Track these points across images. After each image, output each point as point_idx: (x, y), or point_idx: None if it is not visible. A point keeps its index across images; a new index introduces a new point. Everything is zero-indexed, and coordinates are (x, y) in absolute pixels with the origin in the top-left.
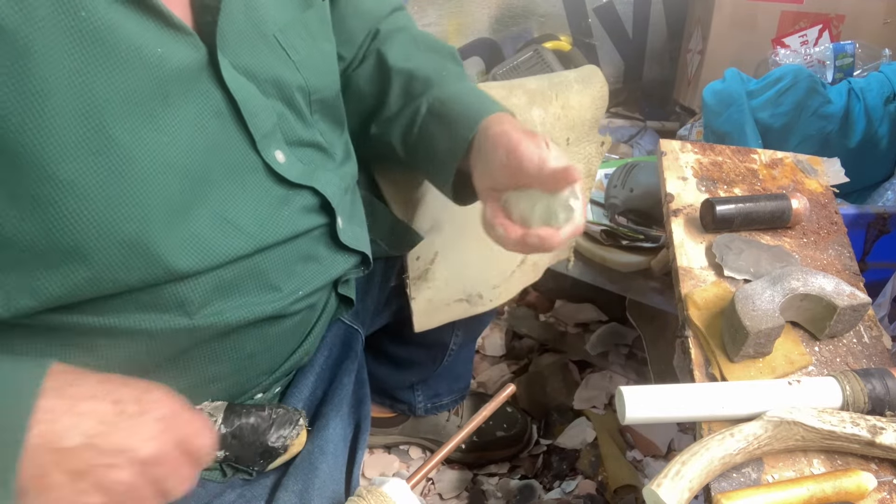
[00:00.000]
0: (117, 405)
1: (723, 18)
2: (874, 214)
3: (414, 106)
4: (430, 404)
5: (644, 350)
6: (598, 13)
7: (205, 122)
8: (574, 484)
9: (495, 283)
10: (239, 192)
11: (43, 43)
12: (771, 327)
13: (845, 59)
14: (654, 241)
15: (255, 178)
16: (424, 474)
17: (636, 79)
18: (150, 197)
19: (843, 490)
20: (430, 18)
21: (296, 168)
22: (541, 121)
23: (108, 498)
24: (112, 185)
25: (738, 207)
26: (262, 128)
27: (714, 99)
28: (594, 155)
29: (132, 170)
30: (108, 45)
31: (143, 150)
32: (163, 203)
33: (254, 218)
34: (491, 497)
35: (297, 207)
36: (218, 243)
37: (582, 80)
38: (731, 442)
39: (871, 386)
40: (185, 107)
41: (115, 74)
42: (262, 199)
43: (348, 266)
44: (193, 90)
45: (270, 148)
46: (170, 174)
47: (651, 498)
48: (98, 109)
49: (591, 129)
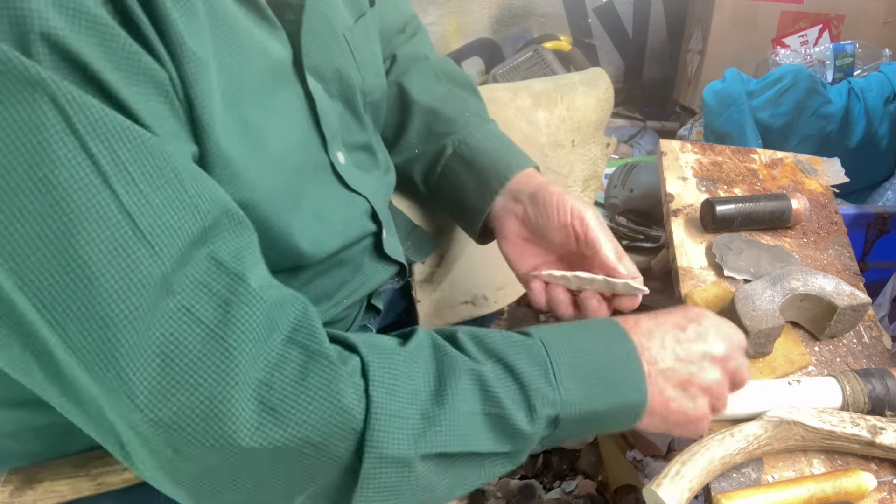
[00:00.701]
0: (677, 327)
1: (723, 18)
2: (874, 214)
3: (438, 146)
4: None
5: None
6: (598, 13)
7: (294, 116)
8: (574, 484)
9: (500, 285)
10: (322, 190)
11: (189, 24)
12: (771, 327)
13: (845, 59)
14: (654, 241)
15: (327, 177)
16: None
17: (636, 79)
18: (280, 179)
19: (843, 490)
20: (430, 18)
21: (352, 172)
22: (546, 122)
23: (709, 394)
24: (255, 162)
25: (738, 207)
26: (330, 127)
27: (714, 99)
28: (599, 156)
29: (266, 150)
30: (233, 30)
31: (269, 132)
32: (286, 188)
33: (336, 216)
34: (491, 497)
35: (360, 211)
36: (320, 236)
37: (587, 82)
38: (731, 442)
39: (871, 386)
40: (283, 98)
41: (242, 58)
42: (336, 199)
43: (387, 276)
44: (287, 84)
45: (334, 149)
46: (286, 160)
47: (651, 498)
48: (234, 90)
49: (597, 131)
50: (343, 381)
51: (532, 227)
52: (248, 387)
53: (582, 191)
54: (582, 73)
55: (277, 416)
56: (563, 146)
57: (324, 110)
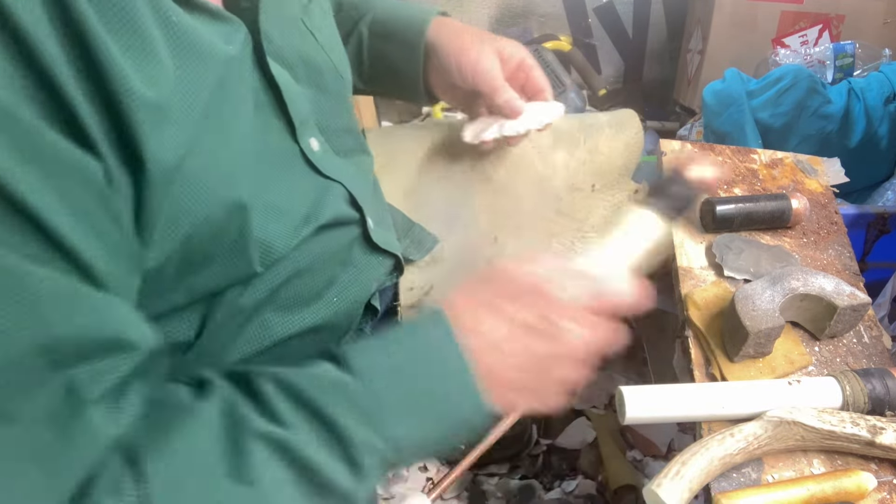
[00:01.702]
0: (510, 298)
1: (723, 18)
2: (874, 214)
3: (356, 35)
4: None
5: (644, 350)
6: (598, 13)
7: (252, 107)
8: (574, 484)
9: None
10: (286, 182)
11: (143, 69)
12: (771, 327)
13: (845, 59)
14: None
15: (295, 166)
16: (443, 490)
17: (636, 79)
18: (242, 174)
19: (843, 490)
20: None
21: (327, 159)
22: (564, 164)
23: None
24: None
25: (738, 207)
26: (300, 114)
27: (714, 99)
28: (625, 203)
29: (230, 147)
30: (193, 45)
31: (231, 129)
32: (248, 182)
33: (301, 204)
34: (491, 497)
35: (336, 197)
36: (280, 228)
37: (616, 124)
38: (731, 442)
39: (871, 386)
40: (239, 91)
41: (204, 69)
42: (306, 187)
43: (383, 271)
44: (242, 77)
45: (305, 136)
46: (245, 153)
47: (651, 498)
48: (200, 104)
49: (622, 177)
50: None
51: (439, 72)
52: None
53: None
54: (612, 113)
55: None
56: (581, 190)
57: (291, 97)
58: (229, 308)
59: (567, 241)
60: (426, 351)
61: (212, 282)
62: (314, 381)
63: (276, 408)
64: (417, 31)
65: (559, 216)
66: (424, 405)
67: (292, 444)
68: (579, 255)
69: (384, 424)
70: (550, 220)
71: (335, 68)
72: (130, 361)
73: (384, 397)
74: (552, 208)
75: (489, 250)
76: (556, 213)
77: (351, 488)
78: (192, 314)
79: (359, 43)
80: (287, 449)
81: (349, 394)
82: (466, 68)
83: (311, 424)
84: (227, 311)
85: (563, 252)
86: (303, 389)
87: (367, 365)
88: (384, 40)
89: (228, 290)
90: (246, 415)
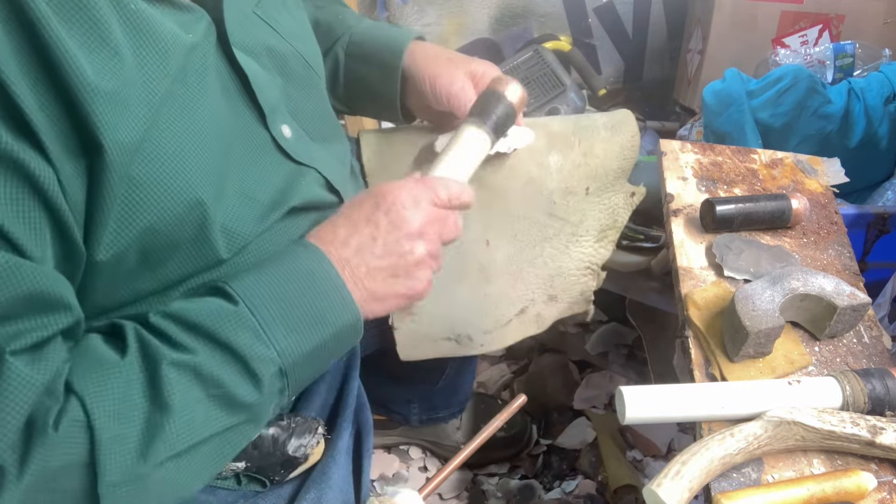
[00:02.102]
0: (370, 223)
1: (723, 18)
2: (874, 214)
3: (332, 57)
4: (426, 416)
5: (644, 350)
6: (598, 13)
7: (218, 98)
8: (574, 484)
9: (487, 329)
10: (255, 168)
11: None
12: (771, 327)
13: (845, 59)
14: (654, 241)
15: (266, 153)
16: (436, 486)
17: (636, 79)
18: (210, 162)
19: (843, 490)
20: (429, 18)
21: (300, 145)
22: (558, 167)
23: (422, 267)
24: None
25: (738, 207)
26: (269, 101)
27: (714, 99)
28: (622, 206)
29: (198, 137)
30: (156, 36)
31: (197, 118)
32: (215, 170)
33: (269, 191)
34: (491, 497)
35: (311, 181)
36: (240, 217)
37: (612, 126)
38: (731, 442)
39: (871, 386)
40: (201, 82)
41: (167, 60)
42: (278, 174)
43: None
44: (205, 66)
45: (277, 123)
46: (212, 142)
47: (651, 498)
48: (162, 92)
49: (618, 179)
50: (62, 443)
51: (415, 94)
52: None
53: (597, 241)
54: (608, 115)
55: (14, 476)
56: (575, 193)
57: (259, 84)
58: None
59: (561, 244)
60: (298, 269)
61: (179, 269)
62: (205, 311)
63: (178, 338)
64: (395, 56)
65: (553, 219)
66: (306, 323)
67: (197, 365)
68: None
69: (273, 338)
70: (544, 223)
71: (299, 56)
72: (63, 321)
73: (268, 315)
74: (546, 211)
75: (481, 254)
76: (549, 216)
77: (255, 399)
78: (163, 300)
79: (335, 65)
80: (195, 370)
81: (237, 317)
82: (441, 91)
83: (209, 347)
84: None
85: None
86: (197, 321)
87: (248, 292)
88: (361, 63)
89: (197, 277)
90: (156, 347)
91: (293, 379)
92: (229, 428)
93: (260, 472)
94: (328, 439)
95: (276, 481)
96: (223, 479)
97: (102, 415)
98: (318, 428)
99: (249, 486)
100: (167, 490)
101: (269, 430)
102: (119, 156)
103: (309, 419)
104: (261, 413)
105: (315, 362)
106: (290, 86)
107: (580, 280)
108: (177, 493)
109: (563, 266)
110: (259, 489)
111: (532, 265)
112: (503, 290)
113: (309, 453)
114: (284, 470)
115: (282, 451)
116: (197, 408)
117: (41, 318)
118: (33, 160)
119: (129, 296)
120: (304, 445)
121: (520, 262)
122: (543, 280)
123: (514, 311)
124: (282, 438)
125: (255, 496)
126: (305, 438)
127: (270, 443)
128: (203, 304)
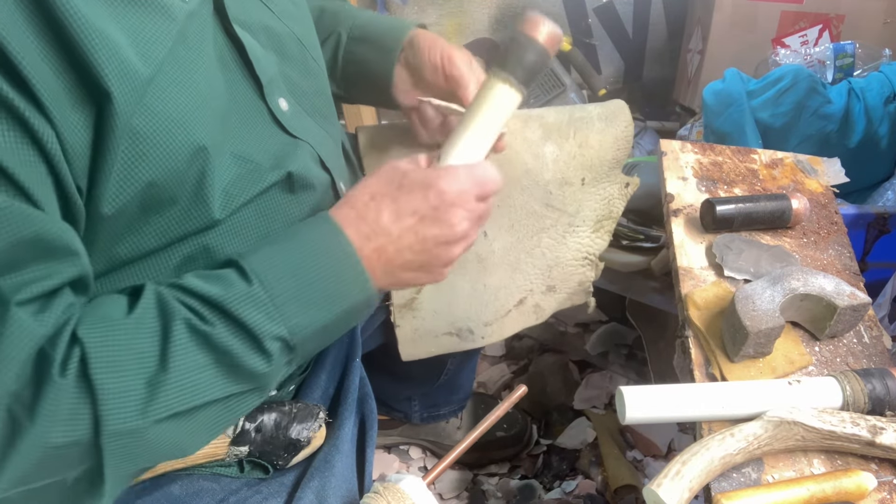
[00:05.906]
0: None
1: (723, 18)
2: (874, 214)
3: (334, 39)
4: (427, 414)
5: (644, 350)
6: (598, 13)
7: (215, 66)
8: (574, 484)
9: (488, 321)
10: (251, 134)
11: None
12: (771, 327)
13: (845, 59)
14: (654, 241)
15: (263, 125)
16: (440, 472)
17: (636, 79)
18: (203, 128)
19: (843, 490)
20: (430, 18)
21: (296, 119)
22: (553, 158)
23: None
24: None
25: (738, 207)
26: (266, 73)
27: (714, 99)
28: (616, 196)
29: (198, 101)
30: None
31: (196, 82)
32: (211, 133)
33: (264, 156)
34: (491, 497)
35: (304, 154)
36: (236, 177)
37: (606, 117)
38: (731, 442)
39: (871, 386)
40: (200, 48)
41: (162, 22)
42: (271, 143)
43: None
44: (204, 34)
45: (275, 95)
46: (210, 106)
47: (651, 498)
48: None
49: (613, 170)
50: (68, 390)
51: (411, 69)
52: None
53: (593, 231)
54: (602, 105)
55: (27, 420)
56: (571, 184)
57: (256, 56)
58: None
59: (558, 234)
60: (314, 246)
61: (174, 228)
62: (221, 285)
63: (194, 307)
64: (395, 38)
65: (549, 210)
66: (319, 301)
67: (209, 334)
68: (450, 144)
69: (286, 316)
70: (541, 213)
71: (294, 36)
72: (70, 270)
73: (283, 296)
74: (542, 202)
75: (479, 245)
76: (545, 206)
77: (262, 371)
78: (158, 264)
79: (336, 45)
80: (206, 338)
81: (251, 293)
82: (444, 56)
83: (223, 321)
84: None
85: None
86: (210, 294)
87: (263, 267)
88: (360, 43)
89: (191, 239)
90: (174, 306)
91: (301, 352)
92: (234, 395)
93: (263, 456)
94: (330, 425)
95: (280, 466)
96: (226, 467)
97: (103, 366)
98: (319, 413)
99: (253, 474)
100: (166, 449)
101: (272, 416)
102: (124, 104)
103: (310, 405)
104: (267, 383)
105: (325, 336)
106: (285, 64)
107: (578, 270)
108: (175, 452)
109: (560, 256)
110: (262, 476)
111: (530, 255)
112: (502, 281)
113: (311, 436)
114: (288, 454)
115: (284, 434)
116: (202, 373)
117: (48, 266)
118: (33, 116)
119: (128, 253)
120: (307, 429)
121: (518, 252)
122: (542, 270)
123: (513, 302)
124: (284, 423)
125: (259, 484)
126: (307, 423)
127: (273, 427)
128: (217, 279)
